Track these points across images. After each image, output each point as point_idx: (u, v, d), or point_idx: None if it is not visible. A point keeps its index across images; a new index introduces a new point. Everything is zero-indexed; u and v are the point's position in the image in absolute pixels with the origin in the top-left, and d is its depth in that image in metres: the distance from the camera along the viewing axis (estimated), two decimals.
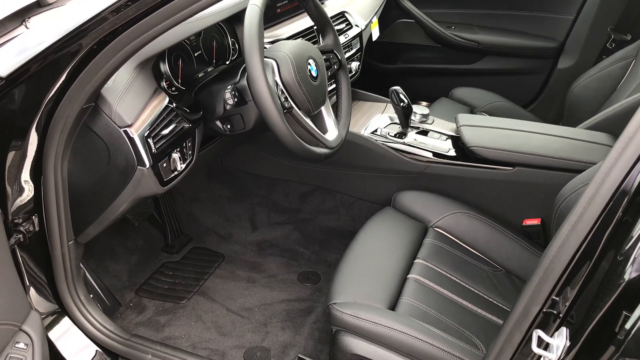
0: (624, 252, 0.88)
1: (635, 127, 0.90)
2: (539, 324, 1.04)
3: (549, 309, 1.02)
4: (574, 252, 0.97)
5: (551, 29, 2.68)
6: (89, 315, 1.56)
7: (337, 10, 2.12)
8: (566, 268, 0.98)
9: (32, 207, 1.36)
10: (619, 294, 0.87)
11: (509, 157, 1.80)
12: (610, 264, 0.92)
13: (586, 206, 0.95)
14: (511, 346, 1.09)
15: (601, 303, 0.90)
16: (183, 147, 1.47)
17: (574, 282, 0.97)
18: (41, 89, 1.23)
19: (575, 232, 0.96)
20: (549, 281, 1.00)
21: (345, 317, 1.41)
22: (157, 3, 1.14)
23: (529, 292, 1.04)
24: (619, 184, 0.91)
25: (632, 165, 0.90)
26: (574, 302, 0.98)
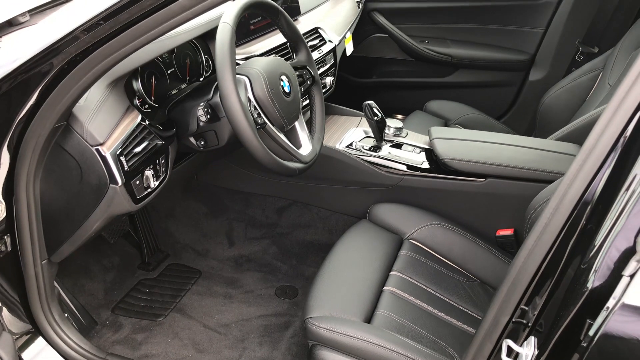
0: (587, 260, 0.91)
1: (595, 140, 0.93)
2: (508, 333, 1.05)
3: (519, 318, 1.04)
4: (540, 262, 0.99)
5: (522, 42, 2.73)
6: (63, 334, 1.54)
7: (311, 26, 2.14)
8: (533, 278, 1.00)
9: (4, 227, 1.34)
10: (583, 302, 0.89)
11: (480, 169, 1.83)
12: (575, 273, 0.94)
13: (550, 217, 0.97)
14: (482, 356, 1.10)
15: (566, 312, 0.92)
16: (156, 164, 1.47)
17: (542, 292, 0.99)
18: (12, 108, 1.23)
19: (541, 242, 0.98)
20: (516, 291, 1.02)
21: (321, 331, 1.42)
22: (127, 22, 1.14)
23: (498, 303, 1.06)
24: (581, 195, 0.94)
25: (593, 176, 0.93)
26: (542, 311, 1.00)
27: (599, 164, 0.92)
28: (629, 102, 0.89)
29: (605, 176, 0.93)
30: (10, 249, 1.38)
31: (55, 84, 1.21)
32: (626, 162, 0.89)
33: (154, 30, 1.14)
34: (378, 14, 2.87)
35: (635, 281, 0.83)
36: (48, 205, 1.38)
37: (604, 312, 0.85)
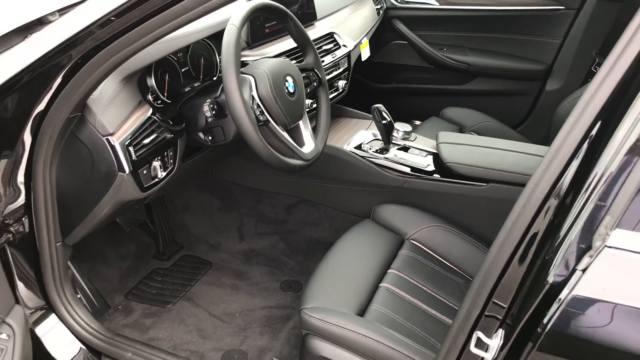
0: (549, 255, 0.95)
1: (561, 140, 0.97)
2: (481, 326, 1.10)
3: (492, 313, 1.08)
4: (509, 257, 1.03)
5: (539, 52, 2.75)
6: (74, 313, 1.64)
7: (326, 31, 2.21)
8: (502, 273, 1.04)
9: (22, 209, 1.45)
10: (543, 295, 0.93)
11: (483, 174, 1.87)
12: (539, 268, 0.99)
13: (518, 214, 1.02)
14: (456, 347, 1.15)
15: (529, 304, 0.97)
16: (164, 156, 1.56)
17: (510, 286, 1.03)
18: (31, 99, 1.33)
19: (509, 239, 1.03)
20: (487, 286, 1.07)
21: (313, 320, 1.48)
22: (137, 20, 1.23)
23: (471, 297, 1.10)
24: (547, 193, 0.98)
25: (559, 175, 0.97)
26: (511, 305, 1.04)
27: (565, 163, 0.96)
28: (593, 105, 0.94)
29: (571, 175, 0.97)
30: (28, 230, 1.49)
31: (70, 77, 1.31)
32: (590, 162, 0.94)
33: (160, 29, 1.22)
34: (398, 22, 2.93)
35: (586, 275, 0.88)
36: (62, 191, 1.48)
37: (556, 304, 0.90)
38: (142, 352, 1.62)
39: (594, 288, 0.87)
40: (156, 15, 1.20)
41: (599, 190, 0.88)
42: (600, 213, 0.88)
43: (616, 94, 0.90)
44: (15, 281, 1.49)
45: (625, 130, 0.88)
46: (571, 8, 2.64)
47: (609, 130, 0.92)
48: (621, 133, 0.89)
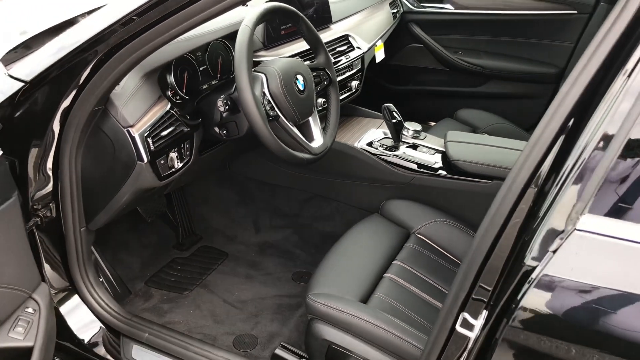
0: (528, 239, 1.02)
1: (540, 131, 1.05)
2: (468, 308, 1.17)
3: (478, 295, 1.15)
4: (492, 242, 1.10)
5: (553, 55, 2.80)
6: (96, 295, 1.75)
7: (341, 33, 2.30)
8: (486, 257, 1.12)
9: (50, 195, 1.57)
10: (521, 276, 1.00)
11: (487, 171, 1.94)
12: (518, 251, 1.06)
13: (501, 200, 1.09)
14: (445, 329, 1.21)
15: (507, 285, 1.04)
16: (181, 148, 1.66)
17: (495, 270, 1.11)
18: (59, 92, 1.44)
19: (492, 224, 1.10)
20: (472, 270, 1.13)
21: (317, 305, 1.56)
22: (156, 19, 1.32)
23: (458, 280, 1.18)
24: (528, 180, 1.05)
25: (538, 164, 1.04)
26: (496, 287, 1.12)
27: (543, 152, 1.03)
28: (568, 100, 1.01)
29: (548, 165, 1.05)
30: (55, 215, 1.61)
31: (95, 72, 1.42)
32: (565, 153, 1.01)
33: (177, 28, 1.31)
34: (414, 25, 3.01)
35: (556, 256, 0.95)
36: (86, 179, 1.59)
37: (527, 283, 0.97)
38: (158, 333, 1.72)
39: (562, 268, 0.94)
40: (173, 15, 1.30)
41: (572, 178, 0.95)
42: (572, 199, 0.95)
43: (587, 92, 0.98)
44: (42, 262, 1.60)
45: (594, 126, 0.95)
46: (583, 12, 2.68)
47: (582, 125, 0.99)
48: (591, 128, 0.96)
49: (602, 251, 0.92)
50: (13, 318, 1.40)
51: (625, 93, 0.93)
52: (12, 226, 1.36)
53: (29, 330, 1.40)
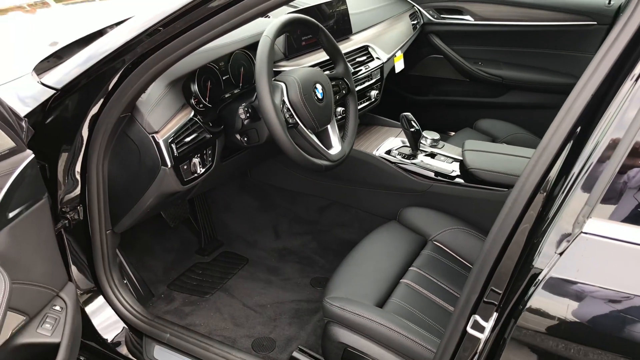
0: (536, 242, 1.05)
1: (548, 138, 1.08)
2: (480, 310, 1.19)
3: (490, 298, 1.18)
4: (502, 246, 1.13)
5: (572, 66, 2.81)
6: (120, 296, 1.81)
7: (361, 44, 2.35)
8: (497, 261, 1.14)
9: (78, 199, 1.63)
10: (529, 279, 1.03)
11: (504, 179, 1.96)
12: (527, 254, 1.08)
13: (511, 205, 1.12)
14: (457, 330, 1.24)
15: (516, 287, 1.07)
16: (203, 154, 1.72)
17: (504, 273, 1.13)
18: (88, 99, 1.51)
19: (503, 228, 1.13)
20: (483, 273, 1.16)
21: (334, 309, 1.60)
22: (180, 30, 1.38)
23: (470, 284, 1.20)
24: (537, 185, 1.08)
25: (547, 169, 1.07)
26: (505, 290, 1.14)
27: (551, 159, 1.06)
28: (576, 106, 1.04)
29: (556, 170, 1.07)
30: (82, 218, 1.67)
31: (122, 80, 1.48)
32: (573, 159, 1.04)
33: (200, 38, 1.37)
34: (434, 37, 3.04)
35: (562, 258, 0.97)
36: (112, 183, 1.65)
37: (534, 285, 1.00)
38: (179, 334, 1.77)
39: (568, 269, 0.96)
40: (197, 25, 1.35)
41: (579, 182, 0.98)
42: (579, 203, 0.98)
43: (595, 98, 1.01)
44: (69, 262, 1.67)
45: (600, 131, 0.98)
46: (603, 23, 2.69)
47: (589, 131, 1.02)
48: (597, 133, 0.99)
49: (607, 253, 0.95)
50: (41, 315, 1.46)
51: (632, 99, 0.95)
52: (42, 227, 1.42)
53: (56, 328, 1.46)
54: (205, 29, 1.35)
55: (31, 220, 1.36)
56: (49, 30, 1.97)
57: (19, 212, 1.30)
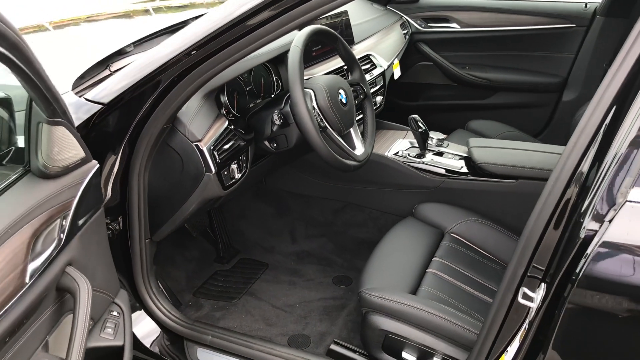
0: (579, 218, 1.17)
1: (580, 131, 1.22)
2: (526, 283, 1.31)
3: (533, 273, 1.30)
4: (545, 225, 1.25)
5: (555, 66, 3.01)
6: (159, 303, 1.87)
7: (363, 53, 2.48)
8: (541, 237, 1.27)
9: (118, 210, 1.70)
10: (577, 249, 1.15)
11: (512, 172, 2.11)
12: (571, 231, 1.21)
13: (551, 187, 1.25)
14: (504, 304, 1.36)
15: (565, 258, 1.19)
16: (240, 160, 1.81)
17: (548, 247, 1.25)
18: (131, 113, 1.58)
19: (546, 206, 1.25)
20: (529, 247, 1.29)
21: (373, 298, 1.70)
22: (214, 50, 1.46)
23: (516, 258, 1.32)
24: (574, 169, 1.21)
25: (587, 146, 1.21)
26: (549, 264, 1.26)
27: (592, 134, 1.19)
28: (603, 103, 1.18)
29: (594, 152, 1.21)
30: (122, 228, 1.74)
31: (165, 94, 1.56)
32: (612, 134, 1.17)
33: (233, 56, 1.46)
34: (423, 44, 3.21)
35: (613, 224, 1.10)
36: (154, 192, 1.72)
37: (591, 247, 1.12)
38: (221, 335, 1.83)
39: (619, 233, 1.09)
40: (237, 41, 1.45)
41: (619, 160, 1.11)
42: (621, 176, 1.11)
43: (625, 86, 1.15)
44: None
45: (633, 115, 1.12)
46: (581, 25, 2.90)
47: (620, 118, 1.16)
48: (630, 117, 1.12)
49: None
50: (102, 320, 1.51)
51: None
52: (101, 234, 1.48)
53: (118, 331, 1.52)
54: (245, 44, 1.44)
55: (93, 228, 1.42)
56: (73, 49, 2.03)
57: (85, 220, 1.37)
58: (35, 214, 1.15)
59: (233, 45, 1.46)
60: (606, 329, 1.19)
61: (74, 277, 1.26)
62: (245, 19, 1.41)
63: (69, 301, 1.34)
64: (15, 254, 1.08)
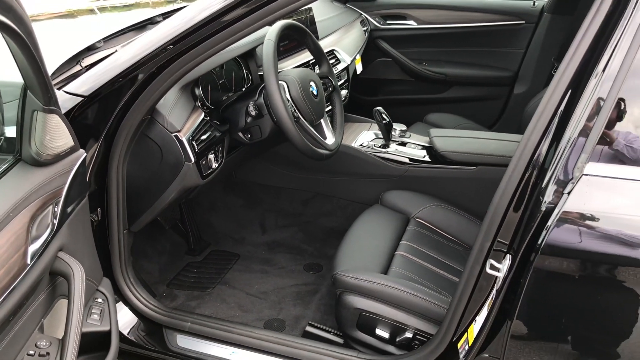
0: (541, 194, 1.29)
1: (537, 118, 1.33)
2: (492, 256, 1.42)
3: (498, 247, 1.41)
4: (509, 200, 1.36)
5: (506, 61, 3.18)
6: (136, 292, 1.90)
7: (328, 48, 2.57)
8: (506, 212, 1.38)
9: (97, 201, 1.73)
10: (539, 221, 1.27)
11: (472, 159, 2.24)
12: (532, 205, 1.32)
13: (514, 166, 1.36)
14: (472, 275, 1.46)
15: (528, 229, 1.31)
16: (216, 151, 1.87)
17: (512, 222, 1.37)
18: (111, 105, 1.62)
19: (509, 184, 1.36)
20: (494, 222, 1.39)
21: (347, 279, 1.78)
22: (189, 46, 1.52)
23: (482, 234, 1.43)
24: (534, 150, 1.33)
25: (541, 138, 1.32)
26: (514, 237, 1.38)
27: (551, 114, 1.31)
28: (558, 91, 1.31)
29: (552, 133, 1.33)
30: (100, 219, 1.77)
31: (144, 87, 1.60)
32: (568, 116, 1.29)
33: (210, 50, 1.52)
34: (382, 41, 3.33)
35: (571, 196, 1.22)
36: (132, 183, 1.75)
37: (552, 218, 1.24)
38: (200, 321, 1.88)
39: (577, 204, 1.22)
40: (205, 41, 1.50)
41: (575, 139, 1.24)
42: (576, 154, 1.23)
43: (577, 73, 1.27)
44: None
45: (586, 99, 1.24)
46: (530, 22, 3.08)
47: (575, 103, 1.28)
48: (583, 101, 1.25)
49: (605, 188, 1.21)
50: (87, 307, 1.55)
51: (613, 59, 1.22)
52: (85, 222, 1.52)
53: (103, 317, 1.55)
54: (220, 39, 1.50)
55: (80, 216, 1.46)
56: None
57: (73, 207, 1.40)
58: (31, 199, 1.19)
59: (209, 40, 1.52)
60: (566, 292, 1.32)
61: (67, 262, 1.30)
62: (220, 15, 1.48)
63: (60, 285, 1.38)
64: (17, 237, 1.12)
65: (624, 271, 1.23)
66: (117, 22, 2.07)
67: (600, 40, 1.28)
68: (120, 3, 2.71)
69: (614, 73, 1.21)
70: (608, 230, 1.21)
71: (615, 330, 1.30)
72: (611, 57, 1.24)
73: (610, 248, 1.22)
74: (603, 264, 1.24)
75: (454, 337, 1.54)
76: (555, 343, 1.39)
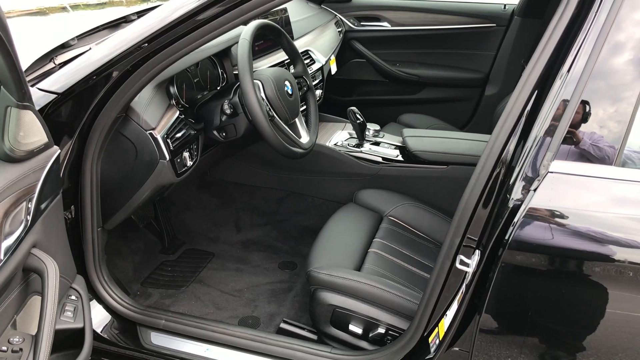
0: (509, 191, 1.33)
1: (504, 118, 1.37)
2: (462, 252, 1.45)
3: (467, 243, 1.45)
4: (478, 197, 1.40)
5: (478, 63, 3.25)
6: (110, 291, 1.90)
7: (302, 49, 2.60)
8: (475, 208, 1.42)
9: (70, 198, 1.73)
10: (507, 217, 1.31)
11: (443, 158, 2.28)
12: (500, 203, 1.36)
13: (483, 165, 1.40)
14: (443, 271, 1.50)
15: (496, 226, 1.35)
16: (191, 149, 1.88)
17: (480, 219, 1.41)
18: (85, 103, 1.62)
19: (478, 181, 1.41)
20: (464, 218, 1.43)
21: (321, 276, 1.81)
22: (164, 44, 1.53)
23: (452, 230, 1.46)
24: (502, 149, 1.37)
25: (508, 137, 1.36)
26: (482, 233, 1.41)
27: (519, 113, 1.35)
28: (524, 92, 1.35)
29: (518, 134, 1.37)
30: (74, 216, 1.76)
31: (118, 84, 1.61)
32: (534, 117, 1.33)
33: (185, 48, 1.53)
34: (356, 42, 3.37)
35: (537, 192, 1.26)
36: (106, 181, 1.75)
37: (519, 214, 1.28)
38: (174, 319, 1.89)
39: (543, 200, 1.26)
40: (179, 40, 1.52)
41: (540, 138, 1.28)
42: (543, 152, 1.27)
43: (543, 74, 1.32)
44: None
45: (552, 98, 1.28)
46: (501, 25, 3.15)
47: (540, 103, 1.32)
48: (549, 101, 1.29)
49: (569, 184, 1.26)
50: (61, 304, 1.54)
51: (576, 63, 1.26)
52: (59, 219, 1.52)
53: (77, 314, 1.55)
54: (195, 37, 1.52)
55: (53, 212, 1.46)
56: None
57: (47, 204, 1.40)
58: (5, 195, 1.19)
59: (184, 39, 1.54)
60: (533, 287, 1.36)
61: (40, 258, 1.30)
62: (195, 14, 1.50)
63: (34, 282, 1.38)
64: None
65: (588, 265, 1.27)
66: (90, 20, 2.07)
67: (565, 43, 1.33)
68: (93, 1, 2.69)
69: (578, 74, 1.26)
70: (574, 226, 1.25)
71: (582, 324, 1.35)
72: (575, 59, 1.28)
73: (575, 243, 1.26)
74: (568, 258, 1.29)
75: (425, 332, 1.57)
76: (523, 337, 1.43)
